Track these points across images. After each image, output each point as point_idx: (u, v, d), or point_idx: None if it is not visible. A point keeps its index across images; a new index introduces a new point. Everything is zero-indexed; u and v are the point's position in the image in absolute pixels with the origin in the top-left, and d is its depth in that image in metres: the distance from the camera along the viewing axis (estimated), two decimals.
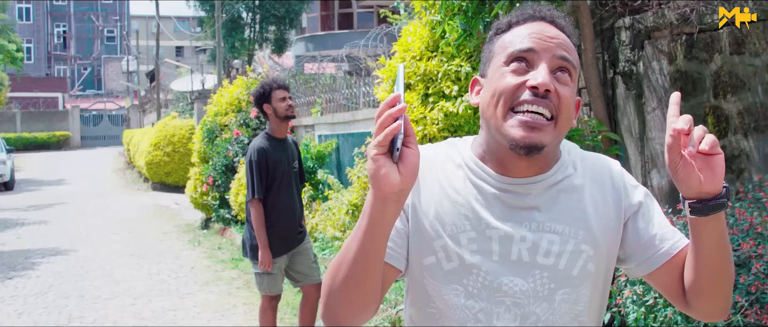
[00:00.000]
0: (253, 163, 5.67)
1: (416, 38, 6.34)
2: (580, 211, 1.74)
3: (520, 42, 1.72)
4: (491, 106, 1.71)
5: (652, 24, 6.00)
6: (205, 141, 14.95)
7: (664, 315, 4.06)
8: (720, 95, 5.53)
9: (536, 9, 1.79)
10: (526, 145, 1.65)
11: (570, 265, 1.70)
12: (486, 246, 1.70)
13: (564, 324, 1.70)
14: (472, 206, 1.73)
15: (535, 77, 1.67)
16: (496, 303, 1.69)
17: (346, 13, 37.19)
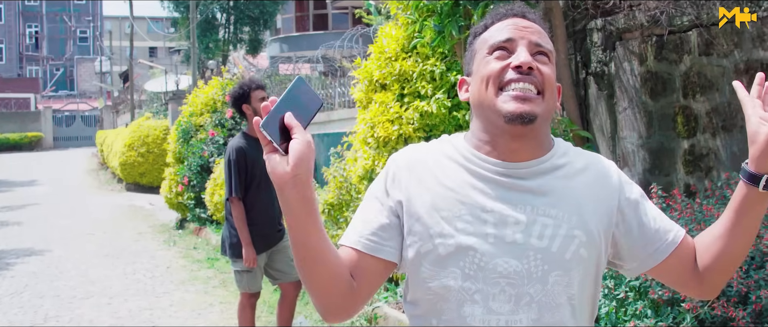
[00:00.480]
0: (231, 163, 5.74)
1: (392, 39, 6.42)
2: (573, 198, 1.82)
3: (498, 34, 1.85)
4: (482, 91, 1.82)
5: (623, 26, 6.12)
6: (180, 141, 14.95)
7: (635, 308, 4.17)
8: (689, 95, 5.65)
9: (508, 8, 1.91)
10: (520, 114, 1.75)
11: (563, 249, 1.78)
12: (481, 229, 1.77)
13: (556, 304, 1.77)
14: (467, 192, 1.80)
15: (517, 57, 1.80)
16: (492, 284, 1.76)
17: (320, 14, 37.23)
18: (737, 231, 1.82)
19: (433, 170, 1.86)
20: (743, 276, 3.87)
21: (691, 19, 5.53)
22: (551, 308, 1.77)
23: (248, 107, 5.89)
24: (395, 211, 1.85)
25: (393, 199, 1.85)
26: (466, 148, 1.88)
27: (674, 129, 5.78)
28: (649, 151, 5.96)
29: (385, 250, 1.83)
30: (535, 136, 1.82)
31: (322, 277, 1.76)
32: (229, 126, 14.27)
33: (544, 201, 1.80)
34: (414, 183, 1.84)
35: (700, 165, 5.59)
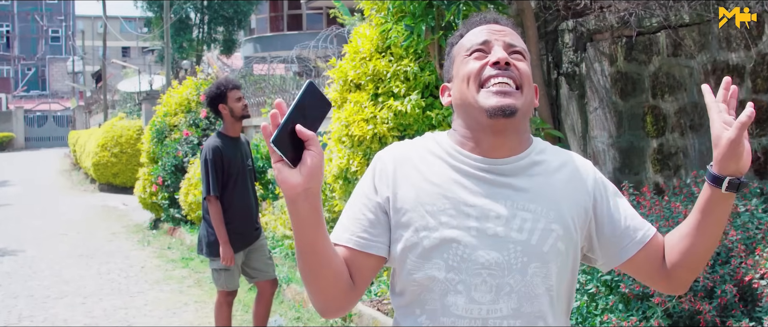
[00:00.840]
0: (208, 162, 5.76)
1: (366, 40, 6.48)
2: (551, 194, 1.90)
3: (475, 38, 1.96)
4: (464, 89, 1.91)
5: (594, 27, 6.23)
6: (154, 141, 14.92)
7: (606, 302, 4.26)
8: (658, 95, 5.76)
9: (481, 16, 2.02)
10: (501, 107, 1.83)
11: (541, 241, 1.86)
12: (464, 222, 1.85)
13: (535, 294, 1.85)
14: (450, 187, 1.88)
15: (495, 54, 1.89)
16: (474, 275, 1.84)
17: (295, 14, 37.21)
18: (703, 230, 1.90)
19: (418, 166, 1.93)
20: (709, 271, 3.97)
21: (659, 21, 5.64)
22: (530, 298, 1.84)
23: (225, 107, 5.91)
24: (383, 207, 1.92)
25: (380, 196, 1.92)
26: (449, 144, 1.95)
27: (643, 128, 5.89)
28: (619, 150, 6.07)
29: (375, 246, 1.91)
30: (515, 130, 1.91)
31: (328, 280, 1.83)
32: (204, 126, 14.26)
33: (523, 196, 1.88)
34: (400, 179, 1.92)
35: (669, 163, 5.71)
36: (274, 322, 7.12)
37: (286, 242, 9.68)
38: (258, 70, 22.90)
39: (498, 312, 1.84)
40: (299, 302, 7.72)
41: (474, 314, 1.84)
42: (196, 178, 12.58)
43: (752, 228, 4.19)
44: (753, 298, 3.83)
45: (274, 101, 1.68)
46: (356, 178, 6.06)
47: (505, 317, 1.84)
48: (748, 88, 5.13)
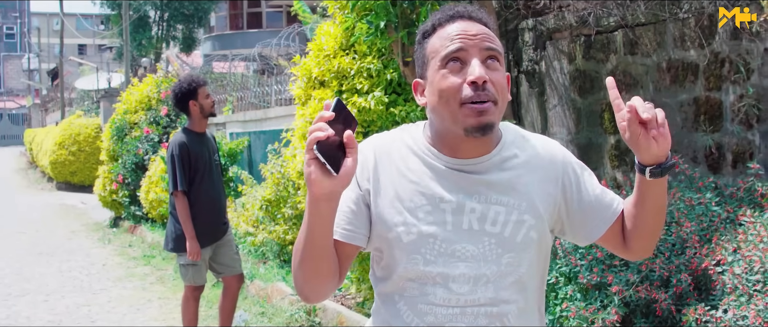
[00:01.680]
0: (175, 157, 5.80)
1: (330, 37, 6.55)
2: (522, 185, 1.99)
3: (449, 44, 1.95)
4: (441, 105, 1.94)
5: (553, 26, 6.37)
6: (114, 139, 14.85)
7: (566, 292, 4.39)
8: None
9: (456, 8, 2.03)
10: (480, 127, 1.89)
11: (514, 233, 1.96)
12: (440, 218, 1.94)
13: (509, 282, 1.96)
14: (427, 184, 1.97)
15: (472, 72, 1.90)
16: (452, 267, 1.94)
17: (254, 12, 37.06)
18: (645, 207, 2.01)
19: (396, 163, 2.01)
20: (665, 261, 4.11)
21: (617, 20, 5.79)
22: (505, 286, 1.95)
23: (195, 103, 5.95)
24: (365, 199, 2.00)
25: (362, 188, 2.01)
26: (423, 143, 2.02)
27: (601, 125, 6.03)
28: (578, 147, 6.21)
29: (357, 237, 2.00)
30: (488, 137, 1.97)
31: (324, 271, 1.92)
32: (164, 124, 14.24)
33: (495, 191, 1.97)
34: (379, 173, 2.00)
35: (626, 159, 5.86)
36: (238, 317, 7.17)
37: (249, 239, 9.71)
38: (218, 68, 22.86)
39: (476, 301, 1.93)
40: (263, 298, 7.78)
41: (452, 303, 1.93)
42: (157, 176, 12.56)
43: (706, 220, 4.34)
44: (707, 287, 3.97)
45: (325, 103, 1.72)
46: None
47: (483, 305, 1.94)
48: (701, 85, 5.29)
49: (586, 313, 4.15)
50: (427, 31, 2.04)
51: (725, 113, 5.16)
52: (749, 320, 3.44)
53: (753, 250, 3.71)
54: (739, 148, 5.09)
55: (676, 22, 5.42)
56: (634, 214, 2.04)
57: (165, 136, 13.91)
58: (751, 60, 4.96)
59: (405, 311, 1.99)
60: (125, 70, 24.30)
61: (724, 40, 5.12)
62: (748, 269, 3.66)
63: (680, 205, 4.48)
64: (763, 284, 3.56)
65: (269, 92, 12.86)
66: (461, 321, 1.94)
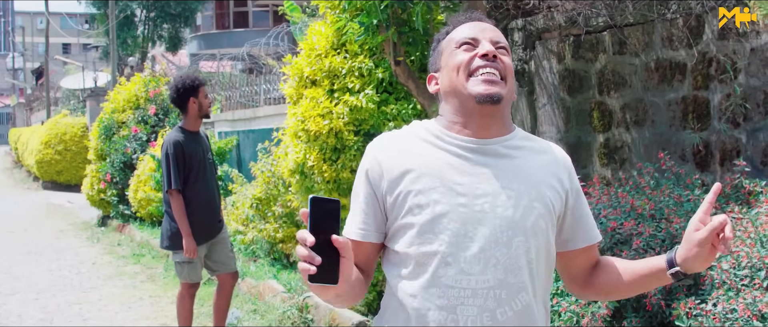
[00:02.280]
0: (170, 156, 5.84)
1: (321, 37, 6.61)
2: (533, 175, 2.08)
3: (464, 32, 2.15)
4: (453, 78, 2.10)
5: (543, 26, 6.45)
6: (102, 138, 14.86)
7: (557, 288, 4.46)
8: (604, 92, 5.99)
9: (466, 15, 2.22)
10: (489, 94, 2.03)
11: (524, 217, 2.04)
12: (453, 200, 2.02)
13: (519, 266, 2.02)
14: (440, 167, 2.06)
15: (483, 47, 2.08)
16: (464, 248, 2.01)
17: (241, 11, 37.07)
18: (635, 284, 2.15)
19: (409, 151, 2.10)
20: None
21: (605, 21, 5.87)
22: (514, 270, 2.01)
23: (195, 101, 6.02)
24: (376, 196, 2.11)
25: (373, 185, 2.11)
26: (437, 128, 2.13)
27: (590, 124, 6.12)
28: (567, 145, 6.29)
29: (371, 235, 2.12)
30: (500, 115, 2.10)
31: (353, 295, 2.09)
32: (152, 123, 14.26)
33: (507, 175, 2.05)
34: (390, 166, 2.09)
35: (615, 157, 5.94)
36: (231, 314, 7.22)
37: (239, 237, 9.76)
38: (207, 67, 22.87)
39: (486, 282, 2.00)
40: (255, 295, 7.83)
41: (463, 284, 2.00)
42: (146, 175, 12.59)
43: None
44: (696, 282, 4.05)
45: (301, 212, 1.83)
46: (313, 173, 6.19)
47: (492, 287, 2.00)
48: (689, 84, 5.38)
49: (577, 307, 4.23)
50: (442, 36, 2.22)
51: (713, 112, 5.24)
52: (738, 313, 3.52)
53: (740, 245, 3.80)
54: (727, 146, 5.18)
55: (664, 23, 5.50)
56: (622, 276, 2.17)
57: (153, 135, 13.94)
58: (738, 60, 5.05)
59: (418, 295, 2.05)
60: (112, 69, 24.26)
61: (712, 40, 5.21)
62: (736, 264, 3.74)
63: (669, 201, 4.57)
64: (751, 279, 3.64)
65: (258, 91, 12.90)
66: (472, 303, 2.00)
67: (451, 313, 2.00)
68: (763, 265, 3.63)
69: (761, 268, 3.63)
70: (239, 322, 7.10)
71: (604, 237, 4.42)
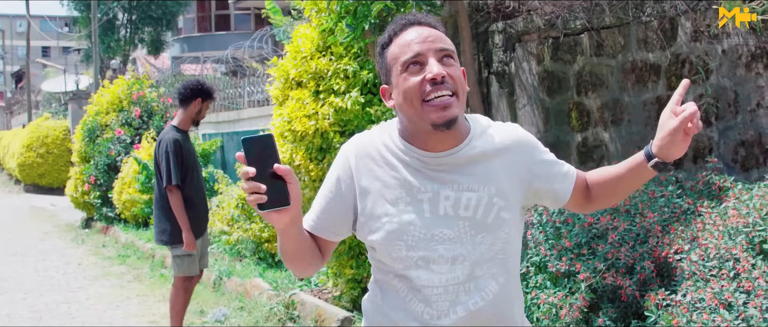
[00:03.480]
0: (169, 153, 6.03)
1: (307, 39, 6.76)
2: (491, 173, 2.23)
3: (407, 51, 2.18)
4: (406, 105, 2.17)
5: (522, 28, 6.63)
6: (86, 140, 14.93)
7: (536, 281, 4.64)
8: (582, 92, 6.17)
9: (405, 17, 2.27)
10: (444, 122, 2.12)
11: (485, 215, 2.19)
12: (419, 207, 2.18)
13: (485, 260, 2.19)
14: (405, 177, 2.20)
15: (431, 70, 2.14)
16: (431, 251, 2.18)
17: (222, 14, 37.14)
18: (621, 182, 2.31)
19: (376, 160, 2.24)
20: (630, 250, 4.37)
21: (583, 23, 6.05)
22: (480, 263, 2.18)
23: (198, 103, 6.25)
24: (348, 194, 2.25)
25: (345, 185, 2.26)
26: (399, 140, 2.25)
27: (569, 123, 6.30)
28: (547, 144, 6.40)
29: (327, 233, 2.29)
30: (456, 128, 2.19)
31: (306, 260, 2.24)
32: (136, 125, 14.34)
33: (466, 179, 2.20)
34: (362, 174, 2.24)
35: (593, 156, 6.13)
36: (218, 312, 7.36)
37: (223, 238, 9.88)
38: (188, 70, 22.93)
39: (455, 279, 2.17)
40: (241, 293, 7.96)
41: (434, 282, 2.17)
42: (130, 177, 12.70)
43: (668, 211, 4.60)
44: (669, 273, 4.23)
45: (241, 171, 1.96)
46: (299, 172, 6.34)
47: (462, 282, 2.17)
48: (663, 85, 5.56)
49: (555, 299, 4.40)
50: (385, 42, 2.26)
51: None
52: (706, 302, 3.70)
53: (709, 238, 3.98)
54: (699, 144, 5.37)
55: (639, 25, 5.69)
56: (611, 184, 2.34)
57: (137, 138, 14.03)
58: (710, 61, 5.24)
59: (394, 297, 2.24)
60: (94, 72, 24.28)
61: (685, 42, 5.40)
62: (704, 256, 3.92)
63: (644, 197, 4.75)
64: (719, 269, 3.82)
65: (242, 94, 13.03)
66: (445, 298, 2.17)
67: (426, 308, 2.18)
68: (730, 256, 3.81)
69: (728, 259, 3.81)
70: (226, 319, 7.23)
71: (580, 232, 4.60)
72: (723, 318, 3.57)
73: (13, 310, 8.19)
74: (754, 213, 3.92)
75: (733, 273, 3.75)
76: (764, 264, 3.69)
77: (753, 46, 5.02)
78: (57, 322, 7.65)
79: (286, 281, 7.64)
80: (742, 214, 3.97)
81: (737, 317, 3.56)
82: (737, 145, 5.14)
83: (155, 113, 14.46)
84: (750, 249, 3.81)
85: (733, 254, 3.80)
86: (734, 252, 3.80)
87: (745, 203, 4.07)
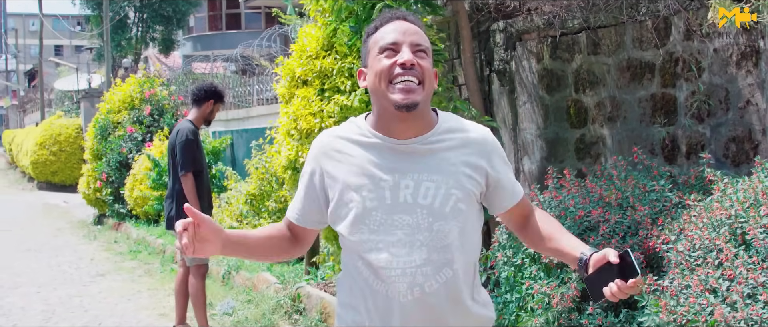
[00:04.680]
0: (189, 142, 6.32)
1: (312, 39, 6.93)
2: (451, 165, 2.40)
3: (387, 37, 2.39)
4: (376, 83, 2.37)
5: (522, 28, 6.79)
6: (98, 138, 15.15)
7: (530, 272, 4.80)
8: (580, 90, 6.33)
9: (393, 12, 2.49)
10: (406, 103, 2.33)
11: (443, 205, 2.38)
12: (381, 194, 2.37)
13: (441, 246, 2.38)
14: (368, 167, 2.40)
15: (402, 56, 2.36)
16: (391, 235, 2.37)
17: (233, 13, 37.36)
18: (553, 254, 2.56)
19: (343, 151, 2.44)
20: (620, 241, 4.52)
21: (580, 23, 6.21)
22: (437, 249, 2.38)
23: (211, 105, 6.56)
24: (320, 186, 2.48)
25: (318, 177, 2.49)
26: (367, 128, 2.45)
27: (567, 120, 6.45)
28: (546, 141, 6.63)
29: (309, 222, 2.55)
30: (420, 117, 2.40)
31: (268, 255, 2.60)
32: (148, 123, 14.55)
33: (427, 169, 2.39)
34: (331, 163, 2.45)
35: (591, 152, 6.28)
36: (226, 304, 7.55)
37: None
38: (198, 68, 23.15)
39: (413, 263, 2.36)
40: (249, 287, 8.15)
41: (394, 265, 2.36)
42: (142, 174, 12.90)
43: (659, 205, 4.75)
44: (658, 263, 4.39)
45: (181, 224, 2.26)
46: None
47: (419, 266, 2.36)
48: (658, 82, 5.72)
49: (548, 289, 4.57)
50: (371, 31, 2.48)
51: (679, 108, 5.59)
52: (692, 288, 3.86)
53: (694, 229, 4.14)
54: (692, 140, 5.52)
55: (634, 24, 5.84)
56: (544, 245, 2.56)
57: (148, 135, 14.24)
58: (702, 59, 5.39)
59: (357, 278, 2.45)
60: (106, 70, 24.53)
61: (678, 40, 5.55)
62: (690, 247, 4.08)
63: (636, 191, 4.90)
64: (703, 259, 3.98)
65: (251, 92, 13.22)
66: (403, 280, 2.36)
67: (386, 289, 2.38)
68: (714, 247, 3.96)
69: (712, 250, 3.97)
70: (234, 311, 7.41)
71: (572, 224, 4.76)
72: (708, 301, 3.73)
73: (28, 304, 8.40)
74: (737, 205, 4.07)
75: (717, 262, 3.91)
76: (746, 254, 3.85)
77: (743, 44, 5.17)
78: (70, 315, 7.85)
79: (292, 275, 7.83)
80: (725, 206, 4.12)
81: (722, 301, 3.72)
82: (728, 141, 5.29)
83: (166, 111, 14.68)
84: (733, 240, 3.96)
85: (717, 245, 3.95)
86: (718, 243, 3.96)
87: (729, 196, 4.22)
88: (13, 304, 8.44)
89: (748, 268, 3.76)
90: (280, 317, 6.99)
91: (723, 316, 3.62)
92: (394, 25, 2.42)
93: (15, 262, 11.19)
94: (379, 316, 2.40)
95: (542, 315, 4.65)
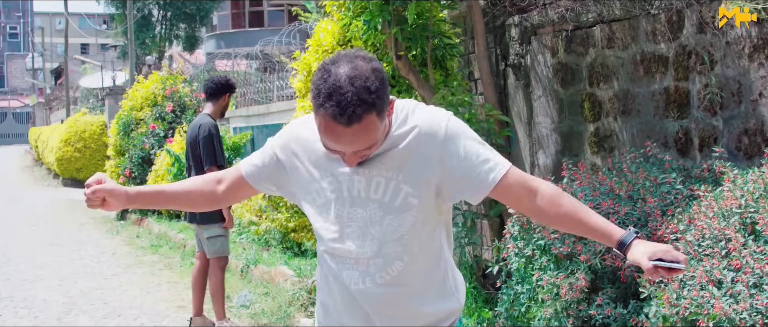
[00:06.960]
0: (213, 136, 6.45)
1: (328, 34, 7.00)
2: (401, 161, 2.44)
3: (327, 143, 2.32)
4: None
5: (537, 22, 6.80)
6: (121, 134, 15.31)
7: (540, 263, 4.83)
8: (594, 84, 6.34)
9: (328, 113, 2.21)
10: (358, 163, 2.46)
11: (393, 199, 2.46)
12: (338, 187, 2.50)
13: (392, 239, 2.47)
14: (326, 162, 2.50)
15: (349, 164, 2.41)
16: (346, 226, 2.50)
17: (256, 11, 37.52)
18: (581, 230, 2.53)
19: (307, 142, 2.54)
20: None
21: (594, 17, 6.22)
22: (388, 242, 2.48)
23: (225, 98, 6.69)
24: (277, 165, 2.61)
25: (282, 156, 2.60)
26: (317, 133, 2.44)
27: (582, 114, 6.47)
28: (561, 135, 6.64)
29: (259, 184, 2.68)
30: None
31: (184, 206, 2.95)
32: (170, 119, 14.69)
33: (378, 165, 2.45)
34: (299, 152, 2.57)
35: (605, 145, 6.29)
36: (243, 296, 7.63)
37: (253, 228, 10.16)
38: (221, 66, 23.30)
39: (365, 254, 2.49)
40: (267, 280, 8.23)
41: (349, 255, 2.51)
42: (164, 170, 13.03)
43: (670, 197, 4.77)
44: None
45: None
46: None
47: (371, 257, 2.49)
48: (671, 75, 5.72)
49: (557, 280, 4.59)
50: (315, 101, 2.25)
51: (692, 101, 5.59)
52: (696, 280, 3.88)
53: (704, 219, 4.15)
54: (705, 133, 5.52)
55: (647, 18, 5.85)
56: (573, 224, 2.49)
57: (170, 132, 14.37)
58: (715, 52, 5.39)
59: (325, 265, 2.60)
60: (130, 68, 24.74)
61: (691, 33, 5.55)
62: (699, 236, 4.10)
63: (647, 183, 4.92)
64: (712, 249, 3.99)
65: (271, 88, 13.30)
66: (356, 269, 2.50)
67: (341, 275, 2.52)
68: (723, 236, 3.98)
69: (721, 239, 3.98)
70: (251, 303, 7.49)
71: None
72: (711, 294, 3.74)
73: (50, 296, 8.53)
74: (747, 195, 4.08)
75: (725, 251, 3.92)
76: (754, 243, 3.86)
77: (755, 37, 5.16)
78: (90, 307, 7.97)
79: (309, 268, 7.89)
80: (736, 196, 4.14)
81: (725, 293, 3.74)
82: (741, 133, 5.29)
83: (188, 108, 14.82)
84: (742, 229, 3.97)
85: (726, 234, 3.97)
86: (727, 232, 3.97)
87: (740, 187, 4.23)
88: (35, 296, 8.57)
89: (755, 258, 3.77)
90: (297, 309, 7.05)
91: (722, 310, 3.64)
92: (332, 131, 2.25)
93: (38, 256, 11.34)
94: (344, 306, 2.55)
95: (551, 305, 4.68)
